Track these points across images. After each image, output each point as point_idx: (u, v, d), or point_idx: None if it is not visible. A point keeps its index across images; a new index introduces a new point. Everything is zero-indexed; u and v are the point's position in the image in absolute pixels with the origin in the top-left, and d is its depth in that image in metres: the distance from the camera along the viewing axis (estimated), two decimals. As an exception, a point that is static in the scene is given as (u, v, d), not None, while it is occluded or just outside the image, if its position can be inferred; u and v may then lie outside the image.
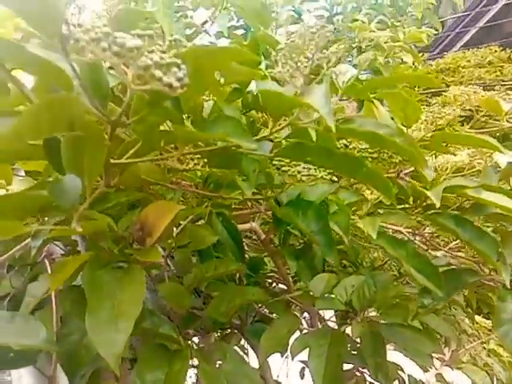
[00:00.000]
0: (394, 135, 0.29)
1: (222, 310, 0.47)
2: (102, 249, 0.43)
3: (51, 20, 0.25)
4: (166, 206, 0.45)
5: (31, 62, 0.29)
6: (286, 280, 0.90)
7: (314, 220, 0.38)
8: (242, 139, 0.27)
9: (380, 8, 1.58)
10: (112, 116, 0.31)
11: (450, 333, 0.86)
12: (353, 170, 0.32)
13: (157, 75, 0.23)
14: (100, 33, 0.23)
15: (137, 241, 0.45)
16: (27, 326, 0.36)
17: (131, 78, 0.26)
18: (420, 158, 0.31)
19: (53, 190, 0.31)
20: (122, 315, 0.35)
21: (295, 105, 0.29)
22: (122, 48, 0.23)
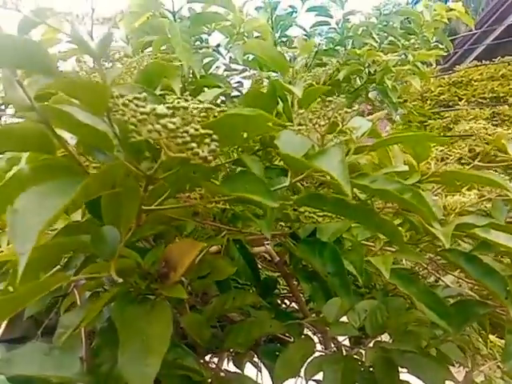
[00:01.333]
0: (403, 192, 0.32)
1: (241, 341, 0.50)
2: (129, 284, 0.46)
3: (99, 98, 0.28)
4: (189, 244, 0.48)
5: (77, 125, 0.33)
6: (298, 301, 0.92)
7: (330, 261, 0.41)
8: (265, 198, 0.30)
9: (390, 30, 1.61)
10: (147, 171, 0.35)
11: (462, 358, 0.86)
12: (366, 219, 0.34)
13: (194, 151, 0.27)
14: (145, 114, 0.26)
15: (161, 276, 0.48)
16: (64, 358, 0.39)
17: (167, 146, 0.29)
18: (429, 214, 0.34)
19: (93, 240, 0.34)
20: (151, 351, 0.38)
21: (312, 168, 0.32)
22: (164, 128, 0.26)
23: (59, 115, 0.32)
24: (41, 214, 0.24)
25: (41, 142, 0.33)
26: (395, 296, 0.91)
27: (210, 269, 0.57)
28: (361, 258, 0.42)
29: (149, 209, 0.39)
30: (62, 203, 0.24)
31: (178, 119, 0.28)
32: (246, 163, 0.38)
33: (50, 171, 0.36)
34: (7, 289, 0.37)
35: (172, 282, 0.47)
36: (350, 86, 1.62)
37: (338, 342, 0.88)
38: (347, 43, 1.59)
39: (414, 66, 1.49)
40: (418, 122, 1.78)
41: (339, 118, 0.34)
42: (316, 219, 0.42)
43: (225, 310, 0.52)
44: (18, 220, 0.23)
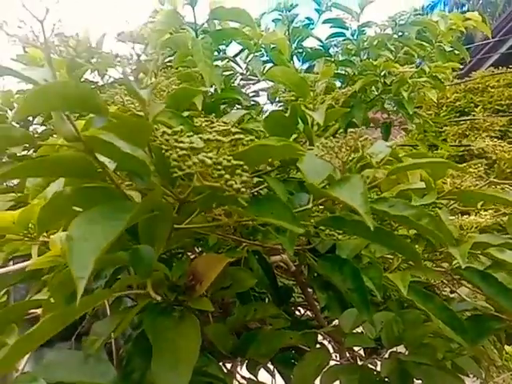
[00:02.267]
0: (420, 217, 0.34)
1: (263, 352, 0.52)
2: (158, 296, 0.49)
3: (142, 135, 0.31)
4: (214, 258, 0.50)
5: (118, 153, 0.36)
6: (314, 309, 0.94)
7: (350, 277, 0.43)
8: (291, 224, 0.32)
9: (406, 40, 1.61)
10: (181, 195, 0.38)
11: (476, 370, 0.87)
12: (386, 241, 0.36)
13: (228, 183, 0.29)
14: (184, 150, 0.29)
15: (188, 289, 0.50)
16: (99, 366, 0.42)
17: (201, 175, 0.32)
18: (446, 239, 0.36)
19: (132, 259, 0.37)
20: (181, 361, 0.41)
21: (334, 197, 0.34)
22: (203, 163, 0.29)
23: (102, 144, 0.35)
24: (96, 241, 0.26)
25: (85, 169, 0.36)
26: (410, 307, 0.92)
27: (231, 281, 0.60)
28: (380, 275, 0.44)
29: (179, 227, 0.42)
30: (115, 232, 0.27)
31: (213, 153, 0.30)
32: (270, 185, 0.40)
33: (91, 194, 0.39)
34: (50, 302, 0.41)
35: (198, 294, 0.50)
36: (366, 96, 1.64)
37: (352, 351, 0.90)
38: (362, 54, 1.61)
39: (430, 78, 1.49)
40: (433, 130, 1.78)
41: (360, 144, 0.37)
42: (336, 237, 0.44)
43: (246, 321, 0.54)
44: (74, 247, 0.26)
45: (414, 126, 1.77)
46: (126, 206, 0.31)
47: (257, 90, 1.47)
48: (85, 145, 0.34)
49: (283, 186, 0.41)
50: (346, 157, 0.36)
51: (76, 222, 0.29)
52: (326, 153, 0.37)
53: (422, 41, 1.64)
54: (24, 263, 0.73)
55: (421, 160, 0.42)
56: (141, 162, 0.36)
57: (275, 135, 0.57)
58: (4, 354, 0.29)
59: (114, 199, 0.39)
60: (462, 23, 1.70)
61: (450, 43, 1.68)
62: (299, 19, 1.60)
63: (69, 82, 0.28)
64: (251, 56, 1.18)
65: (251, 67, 1.18)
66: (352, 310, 0.75)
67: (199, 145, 0.31)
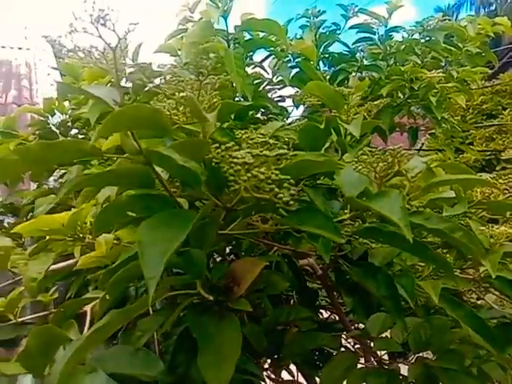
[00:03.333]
0: (454, 230, 0.36)
1: (296, 352, 0.55)
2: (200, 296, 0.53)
3: (200, 152, 0.34)
4: (252, 262, 0.53)
5: (174, 166, 0.39)
6: (339, 312, 0.96)
7: (384, 285, 0.45)
8: (333, 234, 0.35)
9: (433, 45, 1.61)
10: (228, 204, 0.41)
11: (502, 376, 0.87)
12: (420, 252, 0.39)
13: (279, 196, 0.32)
14: (238, 165, 0.32)
15: (226, 290, 0.54)
16: (148, 359, 0.46)
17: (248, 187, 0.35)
18: (478, 252, 0.38)
19: (185, 262, 0.41)
20: (224, 357, 0.44)
21: (374, 210, 0.37)
22: (255, 178, 0.32)
23: (160, 157, 0.39)
24: (163, 245, 0.30)
25: (143, 179, 0.40)
26: (437, 312, 0.93)
27: (265, 283, 0.63)
28: (412, 283, 0.46)
29: (223, 232, 0.45)
30: (180, 237, 0.30)
31: (265, 168, 0.33)
32: (310, 196, 0.43)
33: (145, 201, 0.43)
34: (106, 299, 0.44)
35: (236, 295, 0.53)
36: (392, 101, 1.64)
37: (377, 355, 0.91)
38: (389, 59, 1.61)
39: (458, 83, 1.49)
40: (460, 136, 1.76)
41: (396, 160, 0.39)
42: (370, 245, 0.46)
43: (279, 323, 0.57)
44: (145, 251, 0.30)
45: (441, 131, 1.76)
46: (186, 214, 0.34)
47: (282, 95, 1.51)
48: (145, 158, 0.38)
49: (322, 196, 0.44)
50: (384, 172, 0.39)
51: (142, 228, 0.33)
52: (363, 167, 0.40)
53: (449, 45, 1.63)
54: (68, 262, 0.78)
55: (454, 176, 0.44)
56: (194, 174, 0.39)
57: (309, 145, 0.59)
58: (78, 345, 0.33)
59: (167, 206, 0.43)
60: (491, 28, 1.68)
61: (477, 47, 1.66)
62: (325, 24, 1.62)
63: (140, 106, 0.32)
64: (279, 63, 1.21)
65: (279, 74, 1.21)
66: (379, 315, 0.77)
67: (250, 160, 0.34)
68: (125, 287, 0.53)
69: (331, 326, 0.97)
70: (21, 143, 1.13)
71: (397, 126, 1.70)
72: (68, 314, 0.48)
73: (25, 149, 0.35)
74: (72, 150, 0.36)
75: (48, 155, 0.36)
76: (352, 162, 0.42)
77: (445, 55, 1.64)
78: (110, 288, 0.43)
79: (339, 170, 0.42)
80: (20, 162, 0.35)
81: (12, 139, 1.10)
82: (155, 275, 0.28)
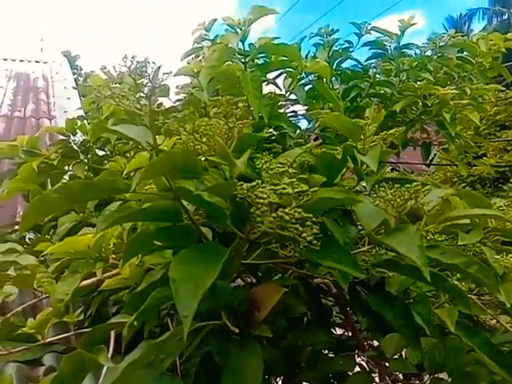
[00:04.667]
0: (469, 265, 0.38)
1: (315, 376, 0.56)
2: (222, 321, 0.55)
3: (227, 190, 0.37)
4: (272, 288, 0.55)
5: (201, 201, 0.42)
6: (353, 330, 0.97)
7: (402, 314, 0.47)
8: (353, 270, 0.37)
9: (445, 61, 1.62)
10: (251, 236, 0.43)
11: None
12: (437, 284, 0.40)
13: (302, 235, 0.34)
14: (264, 206, 0.34)
15: (247, 315, 0.56)
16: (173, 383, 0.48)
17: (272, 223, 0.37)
18: (493, 287, 0.39)
19: (211, 293, 0.43)
20: (246, 382, 0.46)
21: (391, 247, 0.38)
22: (281, 219, 0.34)
23: (188, 193, 0.41)
24: (195, 283, 0.32)
25: (172, 213, 0.43)
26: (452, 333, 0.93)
27: (282, 307, 0.65)
28: (428, 311, 0.48)
29: (246, 263, 0.47)
30: (213, 274, 0.33)
31: (289, 209, 0.36)
32: (329, 227, 0.45)
33: (172, 232, 0.46)
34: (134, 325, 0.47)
35: (257, 320, 0.55)
36: (405, 117, 1.65)
37: (392, 374, 0.92)
38: (402, 75, 1.62)
39: (471, 99, 1.50)
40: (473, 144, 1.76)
41: (414, 195, 0.41)
42: (387, 274, 0.48)
43: (298, 347, 0.59)
44: (178, 290, 0.32)
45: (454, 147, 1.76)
46: (216, 249, 0.36)
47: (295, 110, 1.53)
48: (174, 193, 0.41)
49: (341, 228, 0.46)
50: (401, 208, 0.41)
51: (174, 264, 0.35)
52: (381, 202, 0.41)
53: (461, 60, 1.64)
54: (91, 279, 0.80)
55: (470, 211, 0.45)
56: (219, 208, 0.42)
57: (326, 172, 0.62)
58: (115, 379, 0.35)
59: (192, 236, 0.45)
60: (503, 43, 1.69)
61: (490, 63, 1.67)
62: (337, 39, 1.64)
63: (176, 154, 0.34)
64: (294, 83, 1.25)
65: (294, 94, 1.24)
66: (393, 335, 0.77)
67: (275, 199, 0.36)
68: (153, 314, 0.55)
69: (345, 343, 0.98)
70: (44, 162, 1.18)
71: (410, 141, 1.71)
72: (97, 339, 0.50)
73: (65, 187, 0.38)
74: (108, 188, 0.39)
75: (86, 193, 0.38)
76: (370, 197, 0.43)
77: (457, 71, 1.65)
78: (138, 316, 0.45)
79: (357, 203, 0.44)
80: (60, 200, 0.38)
81: (35, 158, 1.14)
82: (189, 314, 0.30)
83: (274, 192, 0.39)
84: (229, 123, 0.44)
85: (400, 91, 1.56)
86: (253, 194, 0.37)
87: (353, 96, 1.58)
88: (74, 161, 1.20)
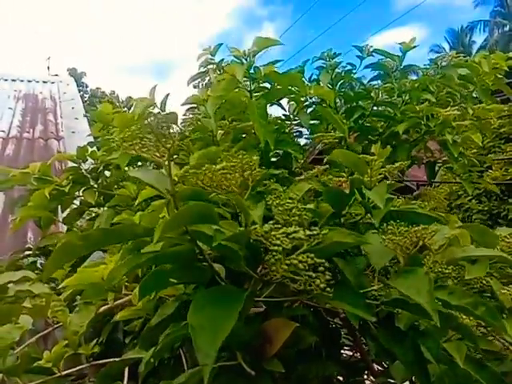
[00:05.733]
0: (477, 306, 0.39)
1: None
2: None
3: (242, 237, 0.38)
4: (283, 322, 0.57)
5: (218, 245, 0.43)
6: (362, 352, 0.97)
7: (411, 351, 0.48)
8: (363, 312, 0.38)
9: (448, 81, 1.65)
10: (264, 277, 0.45)
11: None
12: (445, 322, 0.41)
13: (316, 283, 0.36)
14: (279, 254, 0.36)
15: (259, 349, 0.57)
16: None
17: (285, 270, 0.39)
18: (500, 328, 0.40)
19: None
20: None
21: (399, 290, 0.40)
22: (295, 266, 0.36)
23: (205, 237, 0.43)
24: (213, 331, 0.34)
25: (188, 255, 0.44)
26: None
27: (293, 338, 0.66)
28: (437, 346, 0.49)
29: (260, 300, 0.49)
30: (231, 321, 0.34)
31: (302, 255, 0.37)
32: (340, 267, 0.47)
33: (187, 271, 0.47)
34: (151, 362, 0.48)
35: (269, 355, 0.56)
36: (409, 136, 1.67)
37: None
38: (405, 95, 1.65)
39: (474, 120, 1.51)
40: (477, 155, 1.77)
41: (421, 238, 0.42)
42: (397, 310, 0.49)
43: (308, 379, 0.60)
44: (197, 336, 0.34)
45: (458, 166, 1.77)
46: (233, 293, 0.38)
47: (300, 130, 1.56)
48: (191, 236, 0.42)
49: (352, 267, 0.47)
50: (409, 250, 0.42)
51: (193, 310, 0.37)
52: (390, 243, 0.43)
53: (463, 80, 1.67)
54: (102, 308, 0.82)
55: (479, 252, 0.46)
56: (234, 251, 0.43)
57: (334, 205, 0.63)
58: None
59: (206, 275, 0.47)
60: (505, 62, 1.72)
61: (492, 81, 1.69)
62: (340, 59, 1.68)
63: (194, 207, 0.36)
64: (298, 108, 1.28)
65: (299, 118, 1.27)
66: (403, 362, 0.78)
67: (288, 246, 0.38)
68: (168, 350, 0.57)
69: (355, 367, 0.98)
70: (55, 189, 1.20)
71: (414, 160, 1.72)
72: (113, 374, 0.52)
73: (87, 235, 0.40)
74: (127, 234, 0.41)
75: (107, 240, 0.40)
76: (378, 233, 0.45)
77: (459, 89, 1.68)
78: (155, 354, 0.47)
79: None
80: (83, 247, 0.40)
81: (48, 185, 1.16)
82: (209, 362, 0.32)
83: (287, 236, 0.40)
84: (244, 175, 0.46)
85: (403, 111, 1.59)
86: (267, 241, 0.38)
87: (356, 117, 1.61)
88: (84, 186, 1.23)
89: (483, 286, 0.57)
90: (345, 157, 0.58)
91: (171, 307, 0.58)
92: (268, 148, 1.07)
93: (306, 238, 0.41)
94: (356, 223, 0.65)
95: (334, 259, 0.47)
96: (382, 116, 1.65)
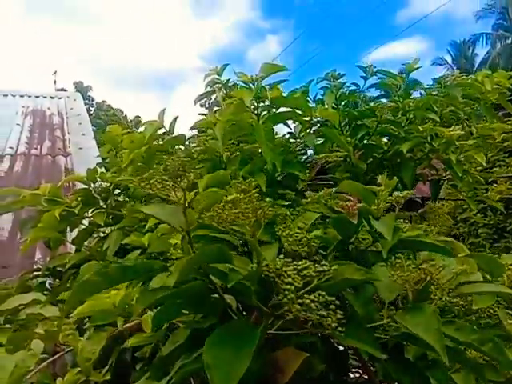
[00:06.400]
0: (484, 342, 0.40)
1: None
2: None
3: (255, 274, 0.40)
4: (293, 352, 0.57)
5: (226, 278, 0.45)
6: (369, 374, 0.97)
7: (420, 382, 0.48)
8: (373, 349, 0.39)
9: (451, 100, 1.67)
10: (275, 311, 0.46)
11: None
12: (453, 357, 0.42)
13: (328, 321, 0.37)
14: (292, 294, 0.37)
15: (270, 378, 0.57)
16: None
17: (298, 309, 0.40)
18: (507, 364, 0.41)
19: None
20: None
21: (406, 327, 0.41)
22: (307, 306, 0.37)
23: (220, 273, 0.44)
24: (229, 370, 0.35)
25: (202, 290, 0.46)
26: None
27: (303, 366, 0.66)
28: (445, 377, 0.49)
29: (271, 332, 0.50)
30: (247, 359, 0.35)
31: (314, 294, 0.38)
32: (349, 300, 0.48)
33: (199, 303, 0.48)
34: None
35: (279, 383, 0.56)
36: (413, 155, 1.68)
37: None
38: (409, 114, 1.67)
39: (478, 139, 1.53)
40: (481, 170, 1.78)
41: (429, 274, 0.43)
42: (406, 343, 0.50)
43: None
44: (214, 376, 0.35)
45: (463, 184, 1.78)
46: (248, 330, 0.39)
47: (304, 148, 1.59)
48: (205, 271, 0.44)
49: (361, 300, 0.48)
50: (417, 286, 0.43)
51: (208, 349, 0.38)
52: (399, 278, 0.44)
53: (467, 98, 1.68)
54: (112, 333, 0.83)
55: (487, 288, 0.47)
56: (246, 287, 0.44)
57: (342, 234, 0.65)
58: None
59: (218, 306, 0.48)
60: (508, 81, 1.73)
61: (496, 99, 1.71)
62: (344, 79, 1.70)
63: (210, 248, 0.38)
64: (303, 129, 1.30)
65: (306, 141, 1.29)
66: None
67: (300, 284, 0.39)
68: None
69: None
70: (65, 209, 1.22)
71: (419, 177, 1.73)
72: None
73: (105, 272, 0.41)
74: (143, 270, 0.42)
75: (125, 276, 0.42)
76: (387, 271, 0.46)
77: (463, 107, 1.69)
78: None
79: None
80: (101, 283, 0.41)
81: (58, 206, 1.18)
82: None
83: (298, 273, 0.41)
84: (257, 216, 0.47)
85: (407, 130, 1.60)
86: (279, 278, 0.40)
87: (360, 136, 1.62)
88: (93, 207, 1.25)
89: (490, 314, 0.58)
90: (352, 187, 0.59)
91: (182, 335, 0.59)
92: (275, 170, 1.08)
93: (316, 274, 0.42)
94: (364, 251, 0.66)
95: (345, 294, 0.48)
96: (386, 134, 1.67)
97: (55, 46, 51.02)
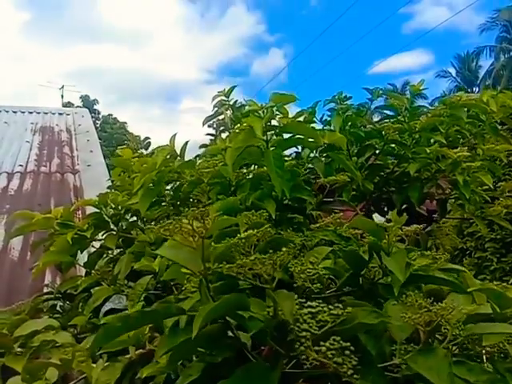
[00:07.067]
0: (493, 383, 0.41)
1: None
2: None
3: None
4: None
5: (243, 320, 0.46)
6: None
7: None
8: None
9: (457, 120, 1.68)
10: (292, 353, 0.47)
11: None
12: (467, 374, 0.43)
13: (344, 369, 0.38)
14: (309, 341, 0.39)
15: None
16: None
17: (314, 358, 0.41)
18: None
19: None
20: None
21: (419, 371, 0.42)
22: (323, 354, 0.38)
23: (235, 314, 0.45)
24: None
25: (219, 333, 0.47)
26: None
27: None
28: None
29: (285, 371, 0.51)
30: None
31: (329, 341, 0.40)
32: (362, 340, 0.49)
33: (217, 343, 0.50)
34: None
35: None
36: (420, 175, 1.69)
37: None
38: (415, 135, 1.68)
39: (484, 161, 1.54)
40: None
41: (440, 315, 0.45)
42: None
43: None
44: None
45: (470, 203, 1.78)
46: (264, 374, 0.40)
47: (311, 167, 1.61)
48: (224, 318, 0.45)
49: (373, 340, 0.49)
50: (429, 327, 0.44)
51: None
52: (410, 320, 0.45)
53: (472, 118, 1.70)
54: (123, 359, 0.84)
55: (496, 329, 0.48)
56: (264, 331, 0.46)
57: (352, 267, 0.66)
58: None
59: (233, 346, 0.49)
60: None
61: (501, 119, 1.72)
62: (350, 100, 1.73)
63: (230, 298, 0.39)
64: (312, 155, 1.32)
65: (313, 165, 1.31)
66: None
67: (316, 331, 0.40)
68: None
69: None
70: (76, 233, 1.24)
71: (426, 196, 1.74)
72: None
73: (126, 317, 0.43)
74: (163, 315, 0.44)
75: (144, 320, 0.43)
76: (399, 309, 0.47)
77: (469, 127, 1.70)
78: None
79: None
80: (122, 328, 0.43)
81: (70, 230, 1.20)
82: None
83: (313, 317, 0.43)
84: (275, 264, 0.49)
85: (413, 151, 1.61)
86: (294, 324, 0.41)
87: (367, 156, 1.64)
88: (104, 230, 1.27)
89: (500, 349, 0.59)
90: (363, 224, 0.61)
91: (196, 369, 0.60)
92: (284, 195, 1.10)
93: (330, 319, 0.43)
94: (375, 284, 0.67)
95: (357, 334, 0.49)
96: (392, 155, 1.69)
97: (60, 59, 51.90)
